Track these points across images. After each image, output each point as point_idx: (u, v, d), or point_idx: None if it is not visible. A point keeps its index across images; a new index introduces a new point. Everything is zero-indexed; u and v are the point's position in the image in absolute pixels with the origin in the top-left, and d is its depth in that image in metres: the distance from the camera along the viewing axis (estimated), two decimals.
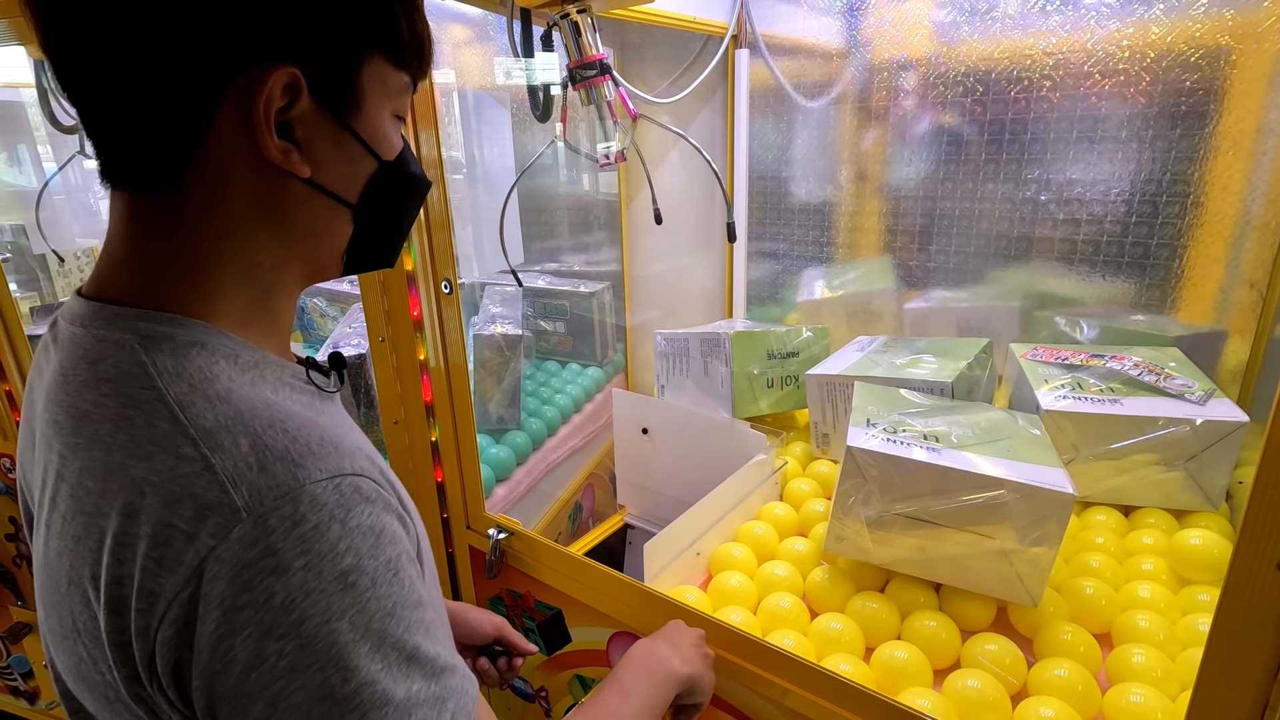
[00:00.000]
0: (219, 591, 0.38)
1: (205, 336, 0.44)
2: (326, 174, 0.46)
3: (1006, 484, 0.76)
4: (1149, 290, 1.16)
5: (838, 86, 1.39)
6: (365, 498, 0.42)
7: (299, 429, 0.42)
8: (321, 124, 0.45)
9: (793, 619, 0.87)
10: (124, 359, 0.42)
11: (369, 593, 0.40)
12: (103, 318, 0.43)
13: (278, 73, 0.41)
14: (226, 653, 0.38)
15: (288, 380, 0.47)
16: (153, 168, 0.43)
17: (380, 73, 0.47)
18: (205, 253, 0.45)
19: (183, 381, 0.41)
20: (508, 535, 1.03)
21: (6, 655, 1.77)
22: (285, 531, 0.38)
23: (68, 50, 0.41)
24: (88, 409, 0.42)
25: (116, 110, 0.42)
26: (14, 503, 1.54)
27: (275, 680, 0.38)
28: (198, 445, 0.39)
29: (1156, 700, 0.69)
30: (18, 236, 1.95)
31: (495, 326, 1.40)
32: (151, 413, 0.40)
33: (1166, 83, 1.07)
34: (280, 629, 0.38)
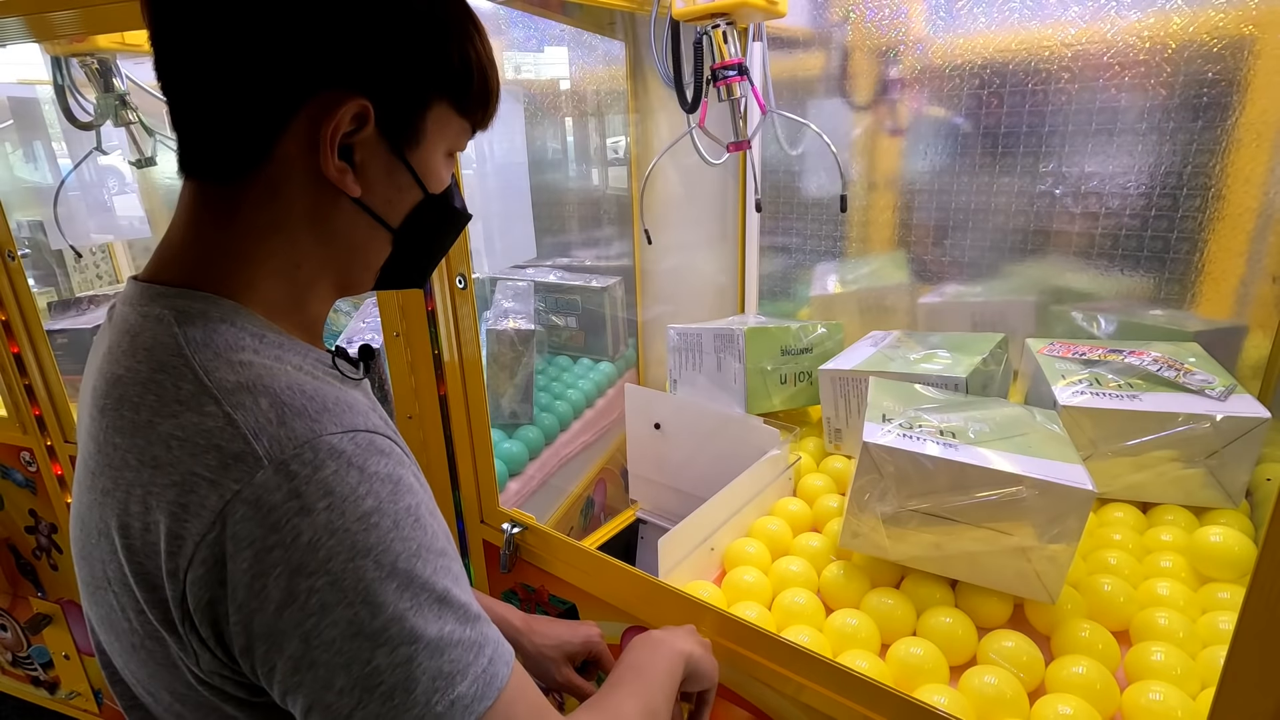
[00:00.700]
0: (247, 532, 0.39)
1: (235, 315, 0.47)
2: (375, 197, 0.50)
3: (1025, 480, 0.75)
4: (1168, 285, 1.15)
5: (849, 79, 1.38)
6: (380, 450, 0.44)
7: (316, 391, 0.45)
8: (379, 153, 0.49)
9: (808, 615, 0.87)
10: (160, 331, 0.45)
11: (392, 534, 0.42)
12: (148, 296, 0.47)
13: (351, 102, 0.45)
14: (260, 591, 0.40)
15: (310, 362, 0.50)
16: (224, 163, 0.47)
17: (444, 116, 0.51)
18: (251, 245, 0.48)
19: (208, 349, 0.44)
20: (521, 530, 1.04)
21: (27, 645, 1.80)
22: (307, 476, 0.40)
23: (174, 50, 0.45)
24: (121, 374, 0.45)
25: (205, 108, 0.46)
26: (34, 496, 1.56)
27: (308, 617, 0.40)
28: (220, 404, 0.42)
29: (1177, 698, 0.69)
30: (35, 232, 1.97)
31: (508, 321, 1.40)
32: (178, 376, 0.43)
33: (1188, 74, 1.06)
34: (309, 566, 0.40)
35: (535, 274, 1.75)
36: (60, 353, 1.45)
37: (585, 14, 1.44)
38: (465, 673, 0.42)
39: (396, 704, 0.40)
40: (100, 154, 1.54)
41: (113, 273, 2.30)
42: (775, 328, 1.31)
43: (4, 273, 1.31)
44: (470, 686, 0.42)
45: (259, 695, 0.45)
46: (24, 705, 1.93)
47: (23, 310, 1.35)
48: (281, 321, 0.50)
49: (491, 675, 0.44)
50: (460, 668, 0.42)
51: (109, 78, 1.36)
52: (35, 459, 1.50)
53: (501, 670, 0.44)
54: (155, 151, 1.50)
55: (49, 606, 1.70)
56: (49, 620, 1.72)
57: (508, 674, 0.45)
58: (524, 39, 1.57)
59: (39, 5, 1.07)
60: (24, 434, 1.47)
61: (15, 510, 1.62)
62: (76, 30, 1.20)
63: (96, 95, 1.38)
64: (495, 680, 0.44)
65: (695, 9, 1.11)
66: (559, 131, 1.72)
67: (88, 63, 1.33)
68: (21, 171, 1.90)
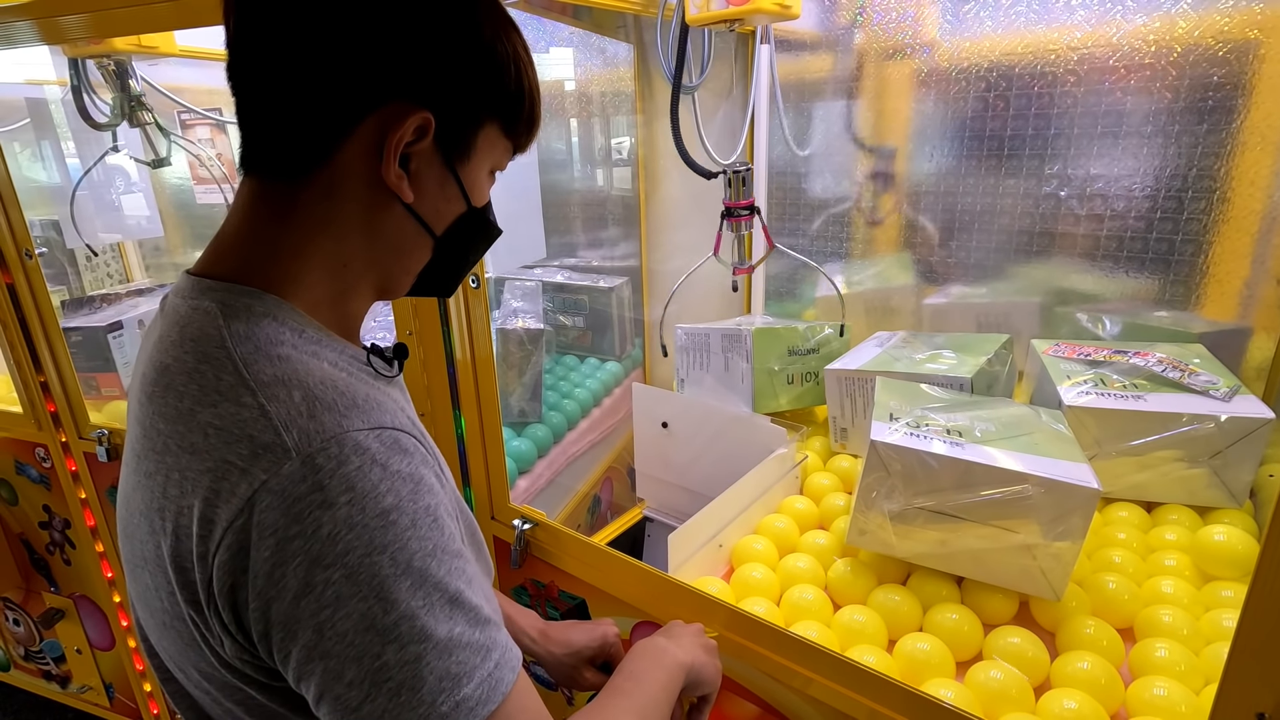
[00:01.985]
0: (271, 521, 0.41)
1: (278, 310, 0.49)
2: (424, 205, 0.53)
3: (1030, 479, 0.76)
4: (1173, 286, 1.16)
5: (856, 81, 1.39)
6: (404, 449, 0.46)
7: (347, 387, 0.47)
8: (434, 164, 0.52)
9: (815, 610, 0.89)
10: (207, 323, 0.47)
11: (409, 532, 0.43)
12: (198, 289, 0.50)
13: (417, 114, 0.48)
14: (280, 579, 0.41)
15: (345, 359, 0.52)
16: (288, 161, 0.49)
17: (493, 135, 0.54)
18: (303, 241, 0.51)
19: (250, 343, 0.46)
20: (532, 526, 1.05)
21: (39, 640, 1.81)
22: (331, 470, 0.42)
23: (253, 53, 0.48)
24: (169, 363, 0.47)
25: (277, 109, 0.49)
26: (48, 491, 1.58)
27: (323, 608, 0.41)
28: (256, 395, 0.44)
29: (1180, 694, 0.70)
30: (47, 231, 1.99)
31: (517, 321, 1.42)
32: (220, 368, 0.45)
33: (1193, 77, 1.07)
34: (327, 559, 0.41)
35: (543, 274, 1.77)
36: (74, 350, 1.46)
37: (594, 17, 1.45)
38: (472, 675, 0.43)
39: (403, 701, 0.41)
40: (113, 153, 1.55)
41: (123, 271, 2.31)
42: (783, 328, 1.32)
43: (22, 271, 1.33)
44: (476, 689, 0.43)
45: (278, 680, 0.46)
46: (36, 699, 1.95)
47: (39, 308, 1.36)
48: (322, 317, 0.52)
49: (497, 680, 0.45)
50: (467, 670, 0.43)
51: (125, 79, 1.37)
52: (50, 455, 1.52)
53: (507, 676, 0.45)
54: (169, 152, 1.52)
55: (62, 601, 1.72)
56: (62, 615, 1.74)
57: (513, 679, 0.46)
58: (533, 40, 1.58)
59: (52, 9, 1.08)
60: (39, 430, 1.49)
61: (29, 506, 1.64)
62: (88, 34, 1.22)
63: (113, 96, 1.40)
64: (501, 685, 0.45)
65: (709, 15, 1.14)
66: (565, 133, 1.73)
67: (104, 64, 1.34)
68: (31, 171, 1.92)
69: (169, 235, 2.04)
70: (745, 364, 1.27)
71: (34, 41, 1.26)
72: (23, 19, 1.10)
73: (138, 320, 1.66)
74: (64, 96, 1.69)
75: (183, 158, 1.68)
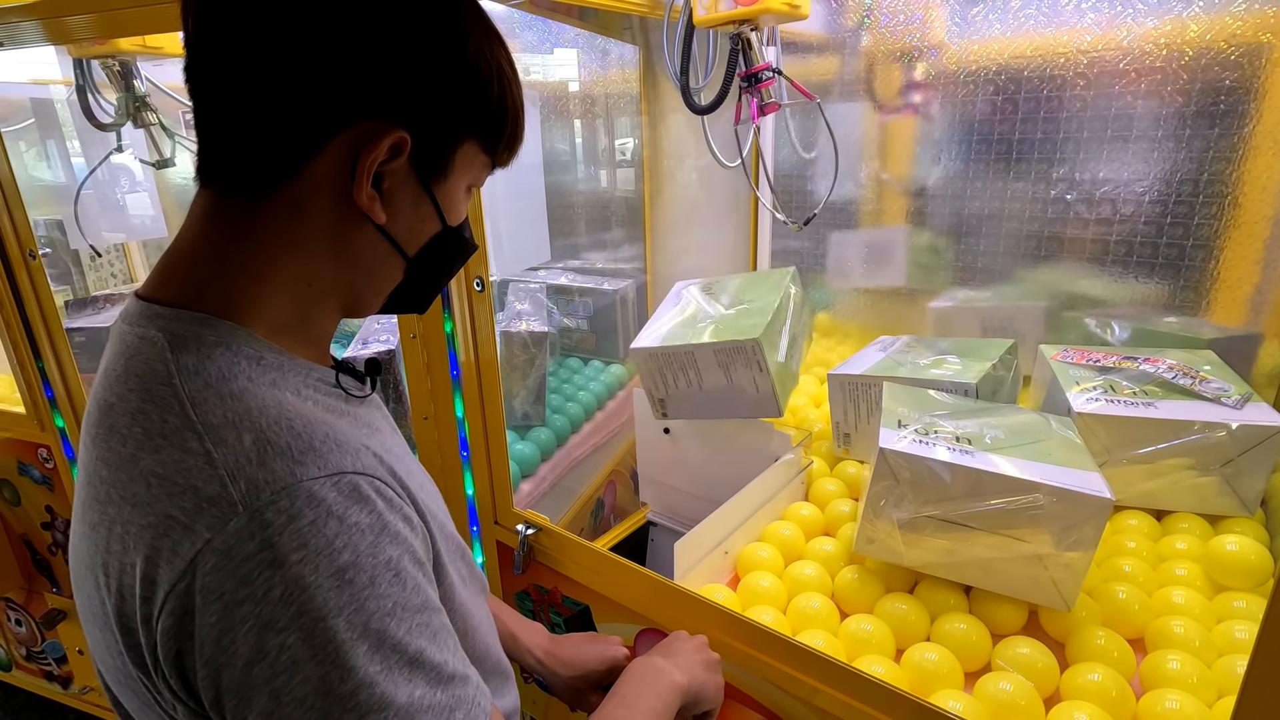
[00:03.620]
0: (217, 584, 0.38)
1: (232, 338, 0.45)
2: (397, 226, 0.50)
3: (1042, 488, 0.75)
4: (1183, 292, 1.15)
5: (863, 84, 1.38)
6: (363, 496, 0.42)
7: (305, 426, 0.43)
8: (408, 183, 0.49)
9: (822, 619, 0.88)
10: (152, 356, 0.44)
11: (366, 591, 0.40)
12: (145, 316, 0.46)
13: (393, 133, 0.45)
14: (229, 646, 0.39)
15: (311, 383, 0.49)
16: (252, 176, 0.46)
17: (471, 153, 0.51)
18: (264, 261, 0.47)
19: (199, 379, 0.43)
20: (535, 531, 1.04)
21: (41, 640, 1.81)
22: (282, 526, 0.39)
23: (214, 57, 0.44)
24: (114, 401, 0.44)
25: (241, 119, 0.45)
26: (50, 492, 1.58)
27: (278, 674, 0.39)
28: (203, 440, 0.41)
29: (1193, 706, 0.69)
30: (51, 231, 1.99)
31: (521, 323, 1.41)
32: (165, 408, 0.42)
33: (1204, 81, 1.06)
34: (280, 622, 0.38)
35: (547, 276, 1.76)
36: (78, 351, 1.46)
37: (599, 18, 1.45)
38: None
39: None
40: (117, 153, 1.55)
41: (127, 272, 2.32)
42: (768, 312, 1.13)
43: (25, 271, 1.33)
44: None
45: None
46: (37, 700, 1.95)
47: (43, 310, 1.36)
48: (285, 338, 0.49)
49: None
50: None
51: (130, 79, 1.37)
52: (52, 455, 1.51)
53: None
54: (174, 153, 1.51)
55: (64, 602, 1.72)
56: (63, 615, 1.73)
57: None
58: (538, 42, 1.58)
59: (57, 9, 1.08)
60: (42, 431, 1.48)
61: (32, 506, 1.63)
62: (93, 34, 1.22)
63: (117, 96, 1.39)
64: None
65: (717, 15, 1.12)
66: (569, 134, 1.73)
67: (109, 64, 1.34)
68: (35, 171, 1.92)
69: (173, 234, 2.04)
70: (760, 373, 1.10)
71: (40, 42, 1.26)
72: (29, 19, 1.10)
73: None
74: (69, 96, 1.69)
75: (187, 158, 1.68)
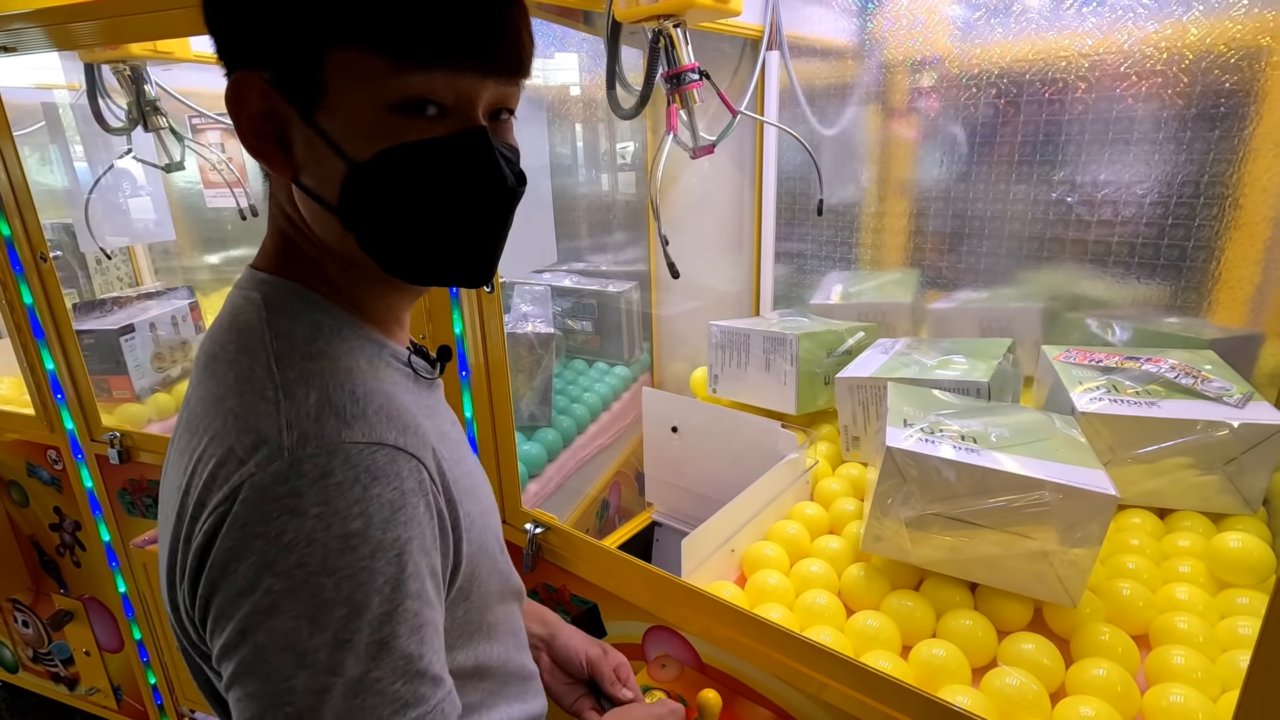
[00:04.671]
0: (244, 514, 0.41)
1: (316, 308, 0.50)
2: (306, 175, 0.47)
3: (1048, 485, 0.76)
4: (1184, 292, 1.16)
5: (866, 87, 1.39)
6: (395, 472, 0.44)
7: (365, 394, 0.46)
8: (294, 122, 0.45)
9: (829, 616, 0.89)
10: (252, 314, 0.49)
11: (365, 561, 0.42)
12: (252, 282, 0.52)
13: (250, 77, 0.45)
14: (232, 572, 0.41)
15: (385, 358, 0.52)
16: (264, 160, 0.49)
17: (354, 62, 0.42)
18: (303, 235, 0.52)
19: (287, 339, 0.48)
20: (544, 530, 1.05)
21: (48, 641, 1.82)
22: (314, 479, 0.42)
23: None
24: (217, 351, 0.49)
25: None
26: (59, 494, 1.59)
27: (256, 612, 0.41)
28: (278, 390, 0.45)
29: (1198, 701, 0.70)
30: (59, 234, 2.00)
31: (527, 325, 1.42)
32: (255, 359, 0.47)
33: (1205, 84, 1.07)
34: (278, 566, 0.41)
35: (552, 278, 1.77)
36: (86, 353, 1.47)
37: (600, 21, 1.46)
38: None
39: None
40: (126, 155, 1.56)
41: (133, 274, 2.32)
42: (823, 331, 1.35)
43: (36, 274, 1.34)
44: None
45: None
46: (44, 701, 1.96)
47: (54, 313, 1.37)
48: (359, 311, 0.53)
49: None
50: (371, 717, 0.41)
51: (140, 84, 1.38)
52: (61, 457, 1.52)
53: None
54: (184, 156, 1.53)
55: (71, 603, 1.72)
56: (71, 617, 1.74)
57: None
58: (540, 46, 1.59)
59: (68, 15, 1.09)
60: (51, 432, 1.49)
61: (40, 508, 1.64)
62: (104, 40, 1.23)
63: (128, 101, 1.41)
64: None
65: (639, 10, 1.02)
66: (571, 137, 1.74)
67: (120, 69, 1.35)
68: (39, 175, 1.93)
69: (179, 239, 2.05)
70: (790, 366, 1.30)
71: (50, 48, 1.27)
72: (39, 25, 1.11)
73: (149, 323, 1.67)
74: (73, 101, 1.70)
75: (194, 161, 1.69)
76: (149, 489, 1.49)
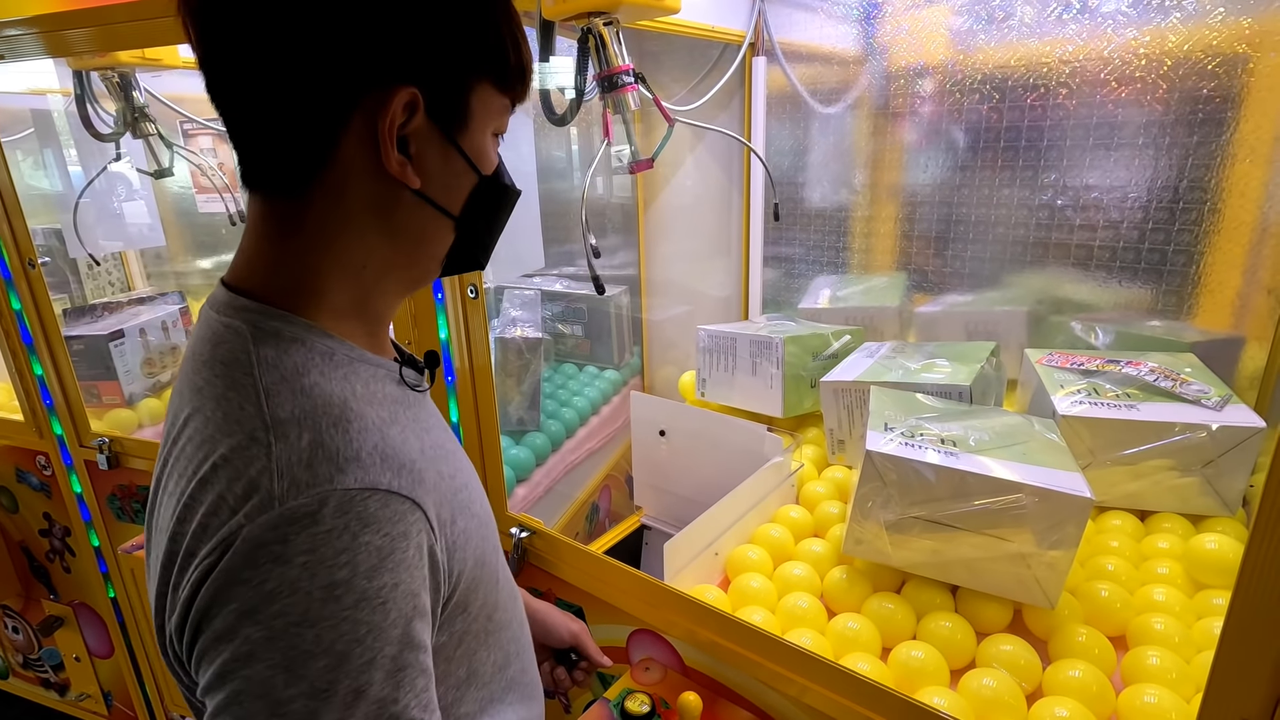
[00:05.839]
0: (232, 565, 0.41)
1: (307, 334, 0.49)
2: (434, 186, 0.51)
3: (1024, 488, 0.77)
4: (1165, 296, 1.17)
5: (854, 93, 1.40)
6: (387, 517, 0.44)
7: (360, 433, 0.46)
8: (433, 140, 0.49)
9: (810, 618, 0.89)
10: (238, 346, 0.48)
11: (348, 611, 0.42)
12: (232, 306, 0.49)
13: (401, 92, 0.46)
14: (213, 618, 0.42)
15: (379, 379, 0.52)
16: (285, 176, 0.48)
17: (487, 95, 0.51)
18: (317, 257, 0.50)
19: (277, 372, 0.46)
20: (530, 534, 1.06)
21: (38, 648, 1.82)
22: (302, 526, 0.42)
23: (223, 70, 0.47)
24: (202, 385, 0.48)
25: (259, 123, 0.47)
26: (48, 499, 1.59)
27: (234, 659, 0.41)
28: (269, 432, 0.44)
29: (1171, 701, 0.70)
30: (49, 240, 2.01)
31: (515, 330, 1.43)
32: (244, 397, 0.46)
33: (1184, 90, 1.08)
34: (259, 614, 0.41)
35: (542, 283, 1.78)
36: (76, 359, 1.47)
37: None
38: None
39: None
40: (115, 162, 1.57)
41: (124, 280, 2.32)
42: (809, 335, 1.36)
43: (25, 280, 1.34)
44: None
45: None
46: (34, 707, 1.95)
47: (42, 318, 1.37)
48: (348, 327, 0.51)
49: None
50: None
51: (129, 91, 1.39)
52: (50, 463, 1.52)
53: None
54: (172, 162, 1.53)
55: (61, 609, 1.72)
56: (61, 623, 1.74)
57: None
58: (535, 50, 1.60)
59: (58, 23, 1.10)
60: (40, 438, 1.50)
61: (30, 513, 1.64)
62: (93, 48, 1.24)
63: (116, 107, 1.41)
64: None
65: (568, 6, 0.96)
66: (564, 141, 1.75)
67: (109, 76, 1.36)
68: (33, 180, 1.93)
69: (170, 244, 2.06)
70: (776, 370, 1.31)
71: (40, 55, 1.27)
72: (31, 31, 1.12)
73: (139, 329, 1.67)
74: (67, 106, 1.71)
75: (185, 166, 1.70)
76: (138, 494, 1.49)
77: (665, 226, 1.68)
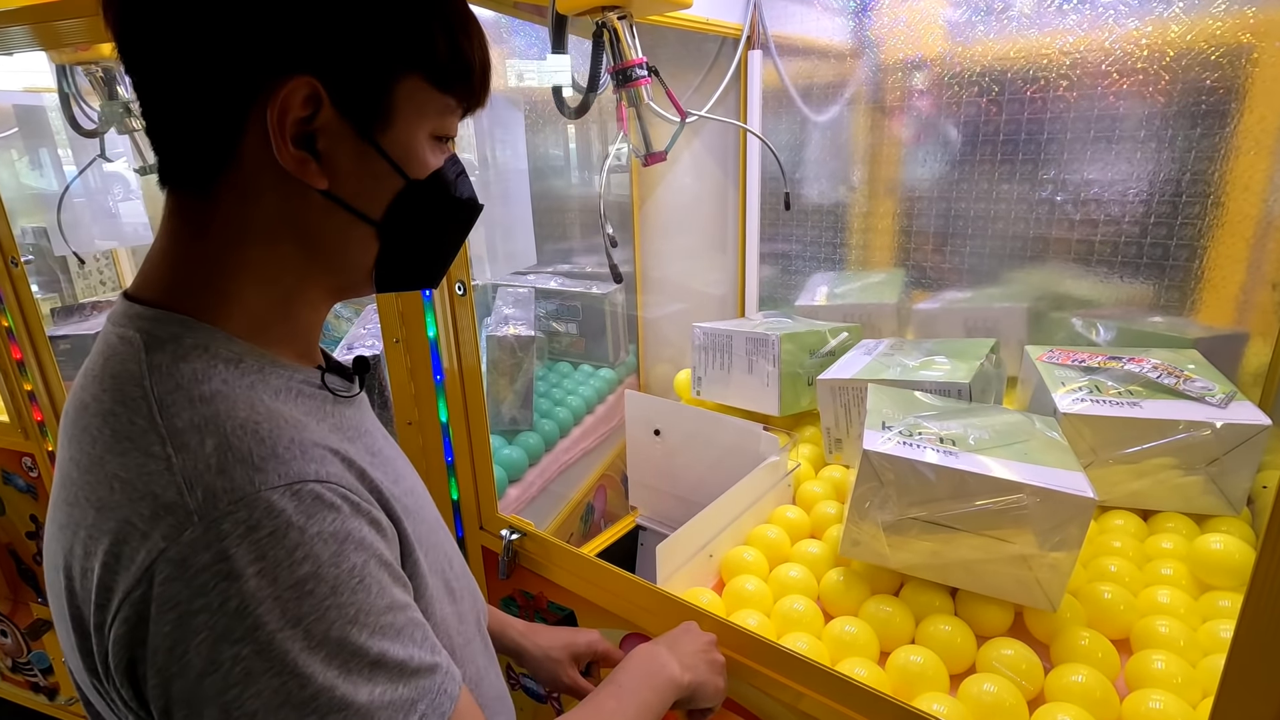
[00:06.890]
0: (172, 594, 0.38)
1: (210, 340, 0.45)
2: (346, 188, 0.47)
3: (1025, 488, 0.75)
4: (1168, 291, 1.15)
5: (851, 87, 1.38)
6: (326, 504, 0.42)
7: (272, 431, 0.42)
8: (345, 137, 0.45)
9: (807, 622, 0.87)
10: (129, 357, 0.43)
11: (328, 600, 0.40)
12: (127, 316, 0.46)
13: (296, 82, 0.42)
14: (182, 656, 0.38)
15: (295, 386, 0.48)
16: (191, 172, 0.45)
17: (417, 92, 0.47)
18: (226, 258, 0.46)
19: (171, 380, 0.42)
20: (520, 536, 1.04)
21: (27, 651, 1.79)
22: (239, 537, 0.38)
23: (135, 61, 0.44)
24: (88, 402, 0.44)
25: (163, 115, 0.45)
26: (35, 501, 1.56)
27: (230, 686, 0.38)
28: (165, 444, 0.40)
29: (1177, 707, 0.68)
30: (39, 238, 1.98)
31: (508, 328, 1.41)
32: (134, 410, 0.42)
33: (1186, 81, 1.06)
34: (235, 634, 0.38)
35: (536, 280, 1.76)
36: (63, 358, 1.45)
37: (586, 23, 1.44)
38: None
39: None
40: (105, 161, 1.55)
41: (116, 279, 2.31)
42: (805, 332, 1.34)
43: (7, 278, 1.32)
44: None
45: None
46: (23, 711, 1.93)
47: (25, 316, 1.35)
48: (266, 335, 0.48)
49: None
50: None
51: (113, 86, 1.37)
52: (37, 464, 1.50)
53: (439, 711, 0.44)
54: None
55: (49, 612, 1.70)
56: (49, 626, 1.72)
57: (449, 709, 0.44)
58: (525, 46, 1.58)
59: (44, 15, 1.08)
60: (26, 439, 1.47)
61: (17, 516, 1.62)
62: (82, 39, 1.22)
63: (101, 103, 1.39)
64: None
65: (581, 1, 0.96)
66: (560, 138, 1.73)
67: (92, 71, 1.34)
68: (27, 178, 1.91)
69: None
70: (772, 368, 1.29)
71: (22, 47, 1.25)
72: (15, 25, 1.10)
73: None
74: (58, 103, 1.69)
75: None
76: None
77: (661, 223, 1.66)
